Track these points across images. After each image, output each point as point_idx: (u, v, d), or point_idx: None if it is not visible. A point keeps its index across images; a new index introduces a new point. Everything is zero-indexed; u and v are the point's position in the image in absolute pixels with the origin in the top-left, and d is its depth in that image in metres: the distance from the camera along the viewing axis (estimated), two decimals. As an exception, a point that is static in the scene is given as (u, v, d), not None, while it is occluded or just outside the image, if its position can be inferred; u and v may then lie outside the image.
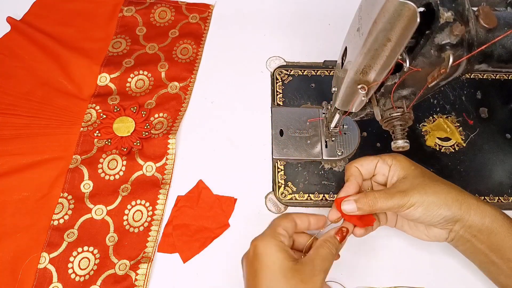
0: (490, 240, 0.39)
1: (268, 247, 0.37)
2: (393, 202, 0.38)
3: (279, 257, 0.36)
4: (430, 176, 0.40)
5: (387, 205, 0.39)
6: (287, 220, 0.40)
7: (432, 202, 0.38)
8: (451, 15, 0.30)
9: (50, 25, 0.63)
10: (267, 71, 0.60)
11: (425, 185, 0.39)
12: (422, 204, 0.38)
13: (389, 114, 0.37)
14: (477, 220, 0.38)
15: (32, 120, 0.55)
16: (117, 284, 0.45)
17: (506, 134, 0.54)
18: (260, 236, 0.39)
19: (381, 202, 0.39)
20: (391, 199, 0.38)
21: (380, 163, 0.42)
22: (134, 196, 0.50)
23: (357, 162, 0.43)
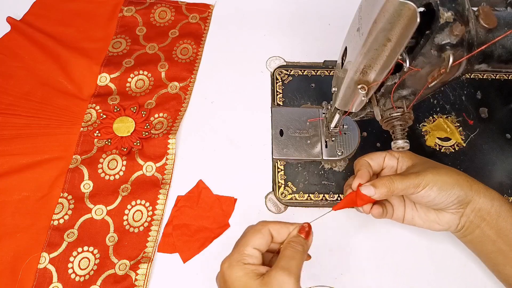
0: (498, 224, 0.40)
1: (233, 273, 0.34)
2: (409, 181, 0.39)
3: (244, 281, 0.33)
4: (436, 163, 0.42)
5: (403, 185, 0.39)
6: (259, 236, 0.36)
7: (446, 181, 0.39)
8: (451, 15, 0.30)
9: (50, 25, 0.63)
10: (267, 71, 0.60)
11: (436, 167, 0.40)
12: (436, 183, 0.39)
13: (389, 114, 0.37)
14: (487, 202, 0.39)
15: (32, 120, 0.55)
16: (117, 284, 0.45)
17: (506, 134, 0.54)
18: (227, 260, 0.35)
19: (397, 182, 0.39)
20: (406, 178, 0.39)
21: (388, 157, 0.43)
22: (134, 196, 0.50)
23: (367, 156, 0.44)
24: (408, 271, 0.46)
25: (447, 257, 0.47)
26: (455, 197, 0.39)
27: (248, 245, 0.35)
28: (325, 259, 0.47)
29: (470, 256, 0.46)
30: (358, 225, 0.49)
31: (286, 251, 0.35)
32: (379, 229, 0.49)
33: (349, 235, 0.49)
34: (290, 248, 0.35)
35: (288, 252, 0.35)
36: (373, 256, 0.47)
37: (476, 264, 0.46)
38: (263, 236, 0.36)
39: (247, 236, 0.36)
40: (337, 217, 0.49)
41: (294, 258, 0.34)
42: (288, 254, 0.35)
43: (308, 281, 0.45)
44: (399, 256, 0.47)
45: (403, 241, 0.48)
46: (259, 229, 0.36)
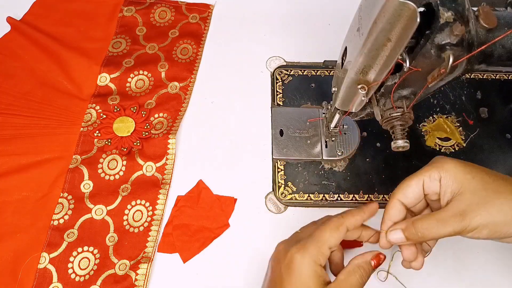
0: None
1: (304, 266, 0.33)
2: (449, 229, 0.33)
3: (312, 280, 0.33)
4: (492, 187, 0.33)
5: (442, 233, 0.33)
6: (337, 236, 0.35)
7: (500, 222, 0.32)
8: (451, 15, 0.30)
9: (50, 25, 0.63)
10: (267, 71, 0.60)
11: (488, 203, 0.32)
12: (486, 227, 0.32)
13: (389, 114, 0.37)
14: None
15: (32, 120, 0.55)
16: (117, 284, 0.45)
17: (506, 134, 0.54)
18: (301, 248, 0.34)
19: (432, 230, 0.33)
20: (445, 226, 0.33)
21: (427, 182, 0.35)
22: (134, 196, 0.50)
23: (399, 193, 0.37)
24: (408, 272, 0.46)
25: (447, 257, 0.47)
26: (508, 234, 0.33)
27: (326, 243, 0.34)
28: (325, 259, 0.47)
29: (470, 256, 0.46)
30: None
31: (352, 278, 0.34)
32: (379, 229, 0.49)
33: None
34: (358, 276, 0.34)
35: (353, 280, 0.34)
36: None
37: (476, 264, 0.46)
38: (339, 235, 0.35)
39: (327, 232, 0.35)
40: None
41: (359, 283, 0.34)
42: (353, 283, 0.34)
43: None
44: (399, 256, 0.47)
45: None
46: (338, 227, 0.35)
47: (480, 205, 0.32)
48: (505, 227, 0.32)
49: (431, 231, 0.33)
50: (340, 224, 0.35)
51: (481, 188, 0.33)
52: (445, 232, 0.33)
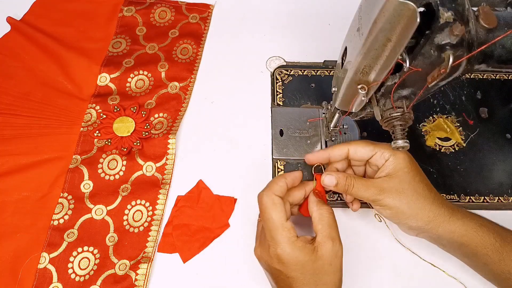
0: (461, 250, 0.41)
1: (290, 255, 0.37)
2: (367, 194, 0.40)
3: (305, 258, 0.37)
4: (415, 186, 0.40)
5: (360, 195, 0.41)
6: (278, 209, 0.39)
7: (402, 211, 0.39)
8: (451, 15, 0.30)
9: (50, 25, 0.63)
10: (267, 71, 0.60)
11: (403, 193, 0.39)
12: (391, 209, 0.40)
13: (389, 114, 0.37)
14: (446, 235, 0.40)
15: (32, 120, 0.55)
16: (117, 284, 0.45)
17: (506, 134, 0.54)
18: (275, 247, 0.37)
19: (356, 190, 0.40)
20: (366, 191, 0.40)
21: (378, 156, 0.42)
22: (134, 196, 0.50)
23: (352, 147, 0.43)
24: (408, 272, 0.46)
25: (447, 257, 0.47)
26: (406, 226, 0.41)
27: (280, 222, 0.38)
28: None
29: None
30: (358, 225, 0.49)
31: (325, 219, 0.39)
32: (379, 229, 0.49)
33: (349, 235, 0.48)
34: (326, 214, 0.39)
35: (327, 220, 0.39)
36: (373, 256, 0.47)
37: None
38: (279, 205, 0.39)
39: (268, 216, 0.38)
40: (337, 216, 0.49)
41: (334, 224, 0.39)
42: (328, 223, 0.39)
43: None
44: (398, 256, 0.47)
45: (403, 241, 0.48)
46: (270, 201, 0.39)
47: (397, 192, 0.39)
48: (403, 217, 0.40)
49: (355, 189, 0.40)
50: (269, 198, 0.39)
51: (407, 182, 0.40)
52: (363, 195, 0.40)
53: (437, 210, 0.40)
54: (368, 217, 0.49)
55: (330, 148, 0.44)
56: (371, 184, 0.40)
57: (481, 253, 0.39)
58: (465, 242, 0.39)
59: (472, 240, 0.39)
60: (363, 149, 0.42)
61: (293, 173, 0.43)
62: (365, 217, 0.49)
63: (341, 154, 0.44)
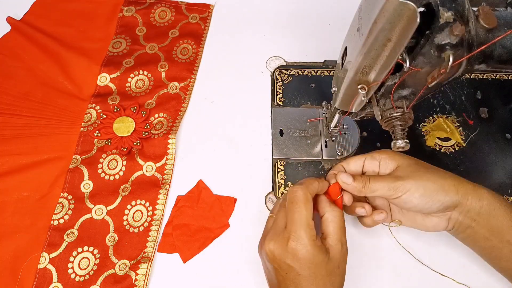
0: (489, 223, 0.39)
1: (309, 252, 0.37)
2: (384, 183, 0.39)
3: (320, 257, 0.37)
4: (423, 164, 0.41)
5: (378, 185, 0.39)
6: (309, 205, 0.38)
7: (429, 188, 0.38)
8: (451, 15, 0.30)
9: (50, 25, 0.63)
10: (267, 71, 0.60)
11: (419, 171, 0.39)
12: (418, 190, 0.38)
13: (389, 114, 0.37)
14: (475, 203, 0.39)
15: (32, 120, 0.55)
16: (117, 284, 0.45)
17: (506, 134, 0.54)
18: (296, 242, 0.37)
19: (372, 183, 0.39)
20: (382, 180, 0.39)
21: (368, 160, 0.42)
22: (134, 196, 0.50)
23: (343, 162, 0.44)
24: (408, 271, 0.46)
25: (447, 257, 0.47)
26: (439, 203, 0.39)
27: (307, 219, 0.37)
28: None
29: (469, 256, 0.46)
30: (358, 225, 0.49)
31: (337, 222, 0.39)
32: (379, 229, 0.49)
33: (349, 235, 0.48)
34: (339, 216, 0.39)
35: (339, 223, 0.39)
36: (373, 256, 0.47)
37: (475, 264, 0.46)
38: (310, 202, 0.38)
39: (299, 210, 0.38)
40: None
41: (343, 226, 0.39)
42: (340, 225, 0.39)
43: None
44: (398, 256, 0.47)
45: (403, 241, 0.48)
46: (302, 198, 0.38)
47: (413, 173, 0.39)
48: (434, 193, 0.38)
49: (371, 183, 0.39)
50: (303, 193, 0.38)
51: (414, 163, 0.40)
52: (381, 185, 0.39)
53: (457, 179, 0.39)
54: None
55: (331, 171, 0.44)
56: (386, 176, 0.40)
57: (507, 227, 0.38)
58: (492, 212, 0.38)
59: (499, 208, 0.38)
60: (353, 159, 0.43)
61: (324, 182, 0.42)
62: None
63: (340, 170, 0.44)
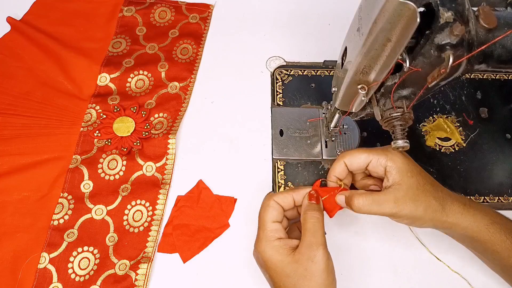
0: (472, 244, 0.41)
1: (266, 253, 0.38)
2: (383, 210, 0.39)
3: (278, 258, 0.37)
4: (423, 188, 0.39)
5: (375, 211, 0.39)
6: (270, 210, 0.40)
7: (420, 218, 0.39)
8: (451, 15, 0.30)
9: (50, 25, 0.63)
10: (267, 71, 0.60)
11: (417, 200, 0.39)
12: (409, 218, 0.39)
13: (389, 114, 0.37)
14: (459, 230, 0.40)
15: (32, 120, 0.55)
16: (117, 284, 0.45)
17: (506, 134, 0.54)
18: (257, 242, 0.39)
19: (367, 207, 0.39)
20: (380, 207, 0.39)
21: (373, 163, 0.41)
22: (134, 196, 0.50)
23: (347, 158, 0.42)
24: (408, 271, 0.46)
25: (447, 258, 0.47)
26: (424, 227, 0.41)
27: (266, 221, 0.39)
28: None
29: (469, 256, 0.46)
30: (358, 225, 0.49)
31: (306, 224, 0.38)
32: (379, 229, 0.49)
33: (349, 235, 0.49)
34: (309, 219, 0.38)
35: (308, 225, 0.38)
36: (373, 256, 0.47)
37: (475, 264, 0.46)
38: (273, 209, 0.40)
39: (261, 215, 0.40)
40: (337, 217, 0.49)
41: (315, 228, 0.38)
42: (309, 227, 0.38)
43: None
44: (398, 256, 0.47)
45: (403, 241, 0.48)
46: (267, 204, 0.40)
47: (411, 200, 0.38)
48: (421, 222, 0.39)
49: (366, 207, 0.39)
50: (268, 201, 0.40)
51: (415, 187, 0.39)
52: (378, 211, 0.39)
53: (449, 207, 0.39)
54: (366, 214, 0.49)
55: (332, 169, 0.43)
56: (383, 198, 0.39)
57: (490, 250, 0.39)
58: (476, 238, 0.39)
59: (482, 236, 0.39)
60: (357, 159, 0.41)
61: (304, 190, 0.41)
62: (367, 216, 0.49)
63: (342, 169, 0.42)
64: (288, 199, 0.41)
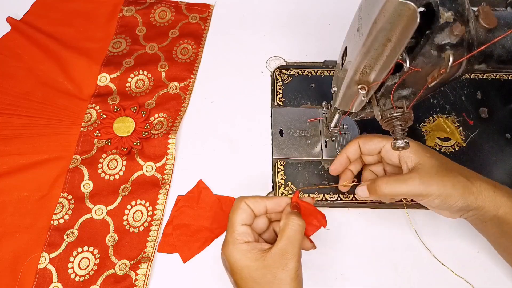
0: (501, 228, 0.39)
1: (233, 256, 0.36)
2: (406, 188, 0.38)
3: (245, 263, 0.35)
4: (446, 165, 0.39)
5: (399, 190, 0.39)
6: (240, 212, 0.38)
7: (450, 195, 0.38)
8: (451, 15, 0.30)
9: (50, 25, 0.63)
10: (267, 71, 0.60)
11: (443, 176, 0.38)
12: (439, 196, 0.38)
13: (389, 114, 0.37)
14: (491, 210, 0.38)
15: (32, 120, 0.55)
16: (117, 284, 0.45)
17: (506, 134, 0.54)
18: (224, 245, 0.37)
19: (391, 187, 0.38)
20: (403, 185, 0.38)
21: (387, 147, 0.41)
22: (134, 196, 0.50)
23: (362, 140, 0.43)
24: (408, 271, 0.46)
25: (447, 258, 0.47)
26: (457, 208, 0.39)
27: (234, 223, 0.37)
28: (325, 258, 0.47)
29: (469, 256, 0.46)
30: (358, 225, 0.49)
31: (287, 230, 0.36)
32: (379, 229, 0.49)
33: (349, 235, 0.49)
34: (290, 226, 0.36)
35: (288, 231, 0.36)
36: (373, 256, 0.47)
37: (475, 264, 0.46)
38: (243, 211, 0.38)
39: (230, 217, 0.38)
40: (337, 217, 0.49)
41: (295, 237, 0.35)
42: (288, 234, 0.35)
43: (308, 281, 0.45)
44: (399, 256, 0.47)
45: (403, 241, 0.48)
46: (237, 206, 0.38)
47: (437, 176, 0.38)
48: (453, 200, 0.38)
49: (390, 188, 0.38)
50: (239, 202, 0.38)
51: (438, 164, 0.39)
52: (402, 190, 0.38)
53: (479, 184, 0.39)
54: (365, 213, 0.49)
55: (344, 149, 0.45)
56: (407, 176, 0.39)
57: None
58: (507, 219, 0.38)
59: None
60: (372, 142, 0.43)
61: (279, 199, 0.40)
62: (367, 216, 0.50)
63: (354, 149, 0.44)
64: (260, 205, 0.39)
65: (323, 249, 0.47)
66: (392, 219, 0.49)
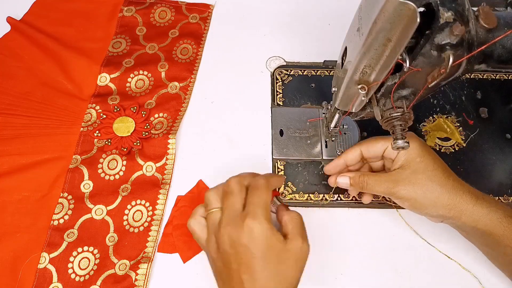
0: (483, 238, 0.40)
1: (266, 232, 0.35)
2: (381, 189, 0.41)
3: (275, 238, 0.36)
4: (429, 175, 0.40)
5: (375, 190, 0.42)
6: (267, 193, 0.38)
7: (419, 202, 0.40)
8: (451, 15, 0.30)
9: (50, 25, 0.63)
10: (267, 71, 0.60)
11: (416, 184, 0.40)
12: (408, 200, 0.40)
13: (389, 114, 0.37)
14: (469, 222, 0.39)
15: (32, 120, 0.55)
16: (117, 284, 0.45)
17: (506, 134, 0.54)
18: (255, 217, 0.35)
19: (370, 186, 0.42)
20: (380, 186, 0.41)
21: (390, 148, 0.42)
22: (134, 196, 0.50)
23: (364, 145, 0.44)
24: (408, 271, 0.46)
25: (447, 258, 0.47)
26: (428, 215, 0.41)
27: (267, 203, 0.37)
28: (325, 259, 0.47)
29: (469, 256, 0.46)
30: (358, 225, 0.49)
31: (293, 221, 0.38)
32: (379, 229, 0.49)
33: (349, 235, 0.49)
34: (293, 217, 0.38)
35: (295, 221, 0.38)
36: (373, 256, 0.47)
37: (475, 264, 0.46)
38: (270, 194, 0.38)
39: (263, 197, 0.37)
40: (337, 217, 0.49)
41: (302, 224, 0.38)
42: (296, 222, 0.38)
43: (308, 281, 0.45)
44: (399, 256, 0.47)
45: (403, 241, 0.48)
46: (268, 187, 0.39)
47: (411, 183, 0.40)
48: (422, 208, 0.40)
49: (369, 186, 0.42)
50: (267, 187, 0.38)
51: (420, 172, 0.40)
52: (378, 190, 0.42)
53: (458, 197, 0.39)
54: (365, 213, 0.49)
55: (344, 153, 0.46)
56: (384, 179, 0.41)
57: (502, 244, 0.38)
58: (487, 232, 0.39)
59: (495, 230, 0.38)
60: (374, 147, 0.44)
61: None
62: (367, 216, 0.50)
63: (355, 156, 0.45)
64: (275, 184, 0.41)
65: (323, 249, 0.47)
66: (392, 219, 0.49)
